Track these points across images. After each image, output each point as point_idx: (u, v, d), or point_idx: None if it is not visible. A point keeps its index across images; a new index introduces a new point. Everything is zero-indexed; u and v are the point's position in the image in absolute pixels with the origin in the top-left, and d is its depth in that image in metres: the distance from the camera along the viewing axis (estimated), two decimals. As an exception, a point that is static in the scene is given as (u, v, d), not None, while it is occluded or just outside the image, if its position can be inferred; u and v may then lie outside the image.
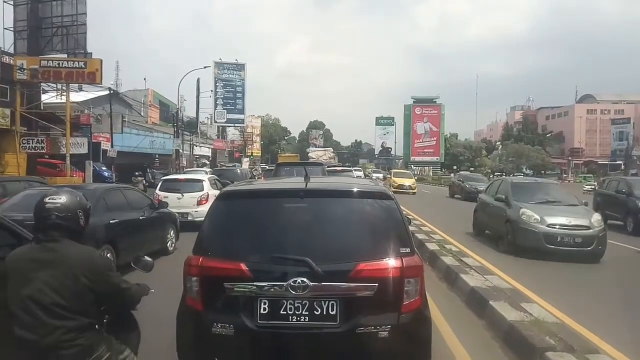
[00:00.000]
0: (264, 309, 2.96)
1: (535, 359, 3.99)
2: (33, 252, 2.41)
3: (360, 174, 40.78)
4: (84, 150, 23.42)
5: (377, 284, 2.96)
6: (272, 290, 2.95)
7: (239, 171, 25.77)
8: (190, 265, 3.14)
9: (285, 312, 2.95)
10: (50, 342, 2.27)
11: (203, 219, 3.55)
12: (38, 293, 2.29)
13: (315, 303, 2.94)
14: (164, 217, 9.18)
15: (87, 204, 2.62)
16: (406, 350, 3.01)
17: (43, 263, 2.33)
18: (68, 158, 22.31)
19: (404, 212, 3.46)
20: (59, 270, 2.32)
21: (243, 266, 2.98)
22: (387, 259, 3.07)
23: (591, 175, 63.28)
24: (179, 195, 12.52)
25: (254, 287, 2.96)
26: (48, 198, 2.46)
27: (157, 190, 12.92)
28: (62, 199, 2.47)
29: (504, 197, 10.40)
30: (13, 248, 3.30)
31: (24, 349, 2.33)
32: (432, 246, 9.21)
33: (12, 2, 23.70)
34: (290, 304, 2.95)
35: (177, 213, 10.60)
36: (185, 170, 32.81)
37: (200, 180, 13.47)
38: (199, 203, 12.25)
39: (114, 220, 7.14)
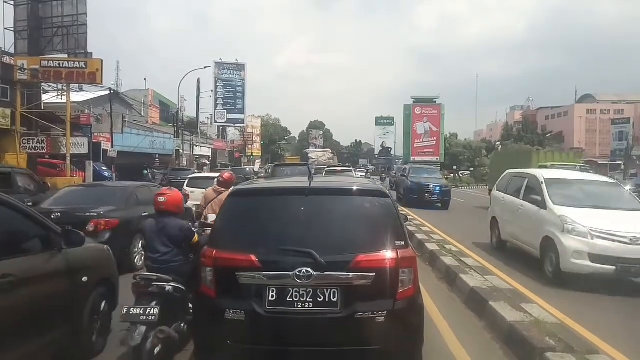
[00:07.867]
0: (272, 296, 3.21)
1: (535, 359, 4.00)
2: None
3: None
4: (84, 150, 23.35)
5: (374, 274, 3.22)
6: (280, 279, 3.21)
7: (248, 169, 31.05)
8: (205, 256, 3.39)
9: (291, 299, 3.21)
10: None
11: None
12: None
13: (318, 291, 3.20)
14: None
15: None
16: (401, 333, 3.26)
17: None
18: (68, 158, 22.23)
19: (399, 209, 3.71)
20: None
21: (253, 257, 3.23)
22: (383, 251, 3.32)
23: None
24: (203, 190, 13.39)
25: (263, 277, 3.21)
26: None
27: (184, 187, 14.59)
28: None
29: None
30: (42, 239, 3.69)
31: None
32: (431, 246, 9.20)
33: (12, 2, 23.59)
34: (296, 291, 3.21)
35: None
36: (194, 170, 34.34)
37: None
38: None
39: (145, 213, 7.76)
